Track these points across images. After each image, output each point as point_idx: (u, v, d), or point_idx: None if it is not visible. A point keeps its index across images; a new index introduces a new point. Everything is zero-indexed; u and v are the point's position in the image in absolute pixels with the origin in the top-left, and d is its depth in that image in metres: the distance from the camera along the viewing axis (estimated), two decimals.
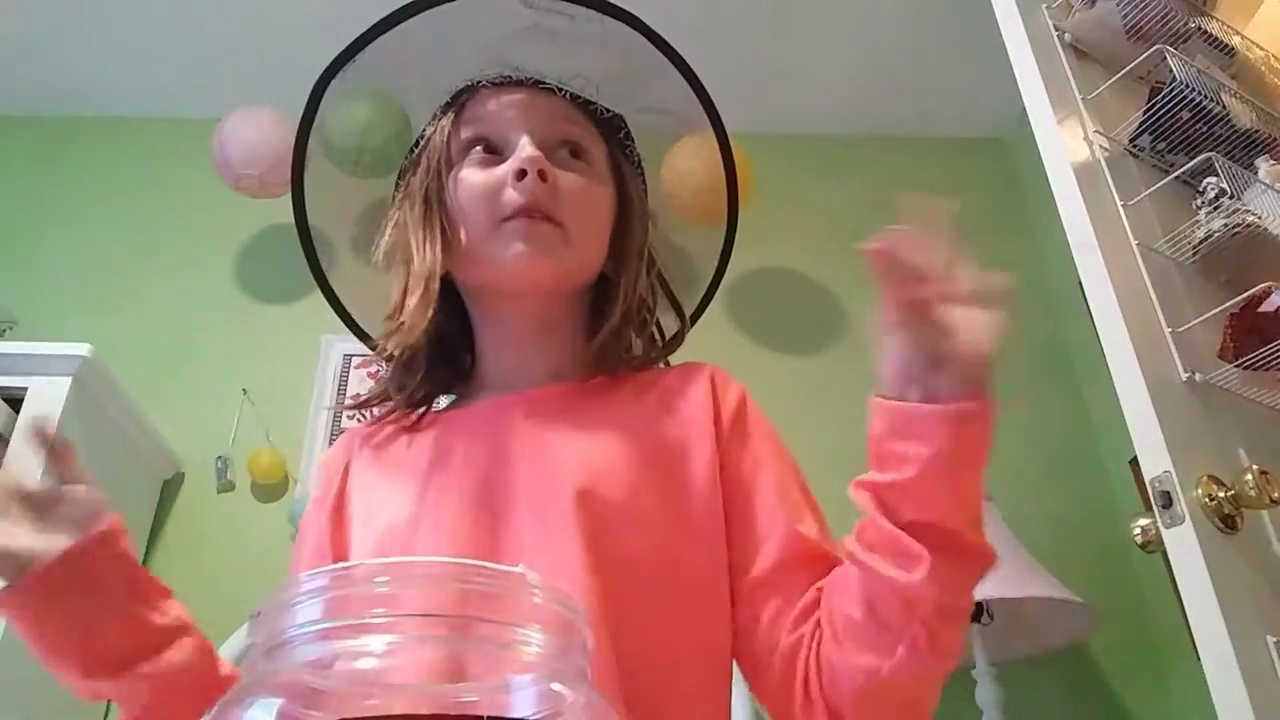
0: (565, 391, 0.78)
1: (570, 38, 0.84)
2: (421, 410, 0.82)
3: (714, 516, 0.71)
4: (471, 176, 0.78)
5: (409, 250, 0.79)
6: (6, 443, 1.63)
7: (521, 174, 0.74)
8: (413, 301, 0.76)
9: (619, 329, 0.80)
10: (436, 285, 0.76)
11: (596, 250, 0.80)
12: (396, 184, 0.86)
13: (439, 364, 0.83)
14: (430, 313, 0.76)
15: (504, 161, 0.77)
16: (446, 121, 0.82)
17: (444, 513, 0.70)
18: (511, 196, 0.75)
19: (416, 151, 0.84)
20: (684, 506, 0.70)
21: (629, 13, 0.85)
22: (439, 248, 0.77)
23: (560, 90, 0.82)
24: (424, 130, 0.85)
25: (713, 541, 0.70)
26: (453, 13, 0.82)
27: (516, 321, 0.81)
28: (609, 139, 0.85)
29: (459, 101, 0.83)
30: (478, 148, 0.79)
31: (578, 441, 0.72)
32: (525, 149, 0.75)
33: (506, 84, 0.82)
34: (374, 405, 0.83)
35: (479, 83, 0.82)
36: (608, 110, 0.85)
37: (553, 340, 0.81)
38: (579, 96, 0.83)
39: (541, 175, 0.75)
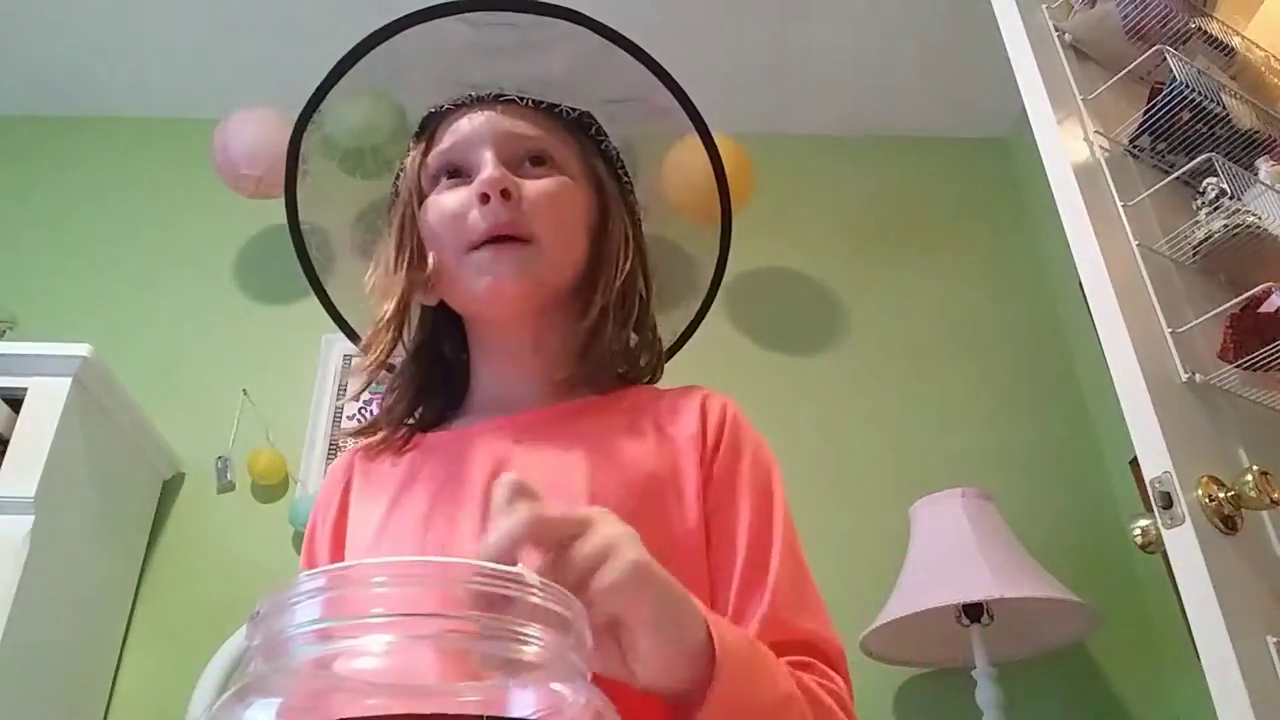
0: (552, 415, 0.76)
1: (520, 44, 0.83)
2: (406, 431, 0.81)
3: (699, 550, 0.69)
4: (439, 201, 0.77)
5: (386, 279, 0.79)
6: (6, 443, 1.63)
7: (485, 198, 0.74)
8: (381, 330, 0.77)
9: (598, 325, 0.78)
10: (403, 312, 0.77)
11: (572, 250, 0.79)
12: (387, 217, 0.85)
13: (435, 387, 0.83)
14: (393, 337, 0.77)
15: (471, 183, 0.76)
16: (418, 151, 0.82)
17: (402, 535, 0.70)
18: (476, 221, 0.74)
19: (395, 184, 0.84)
20: (674, 537, 0.68)
21: (570, 10, 0.83)
22: (407, 273, 0.77)
23: (521, 99, 0.81)
24: (401, 161, 0.85)
25: (697, 574, 0.68)
26: (398, 46, 0.82)
27: (506, 341, 0.80)
28: (580, 138, 0.84)
29: (429, 129, 0.82)
30: (446, 173, 0.79)
31: (561, 466, 0.70)
32: (487, 168, 0.75)
33: (469, 103, 0.81)
34: (370, 431, 0.82)
35: (443, 108, 0.82)
36: (573, 110, 0.84)
37: (543, 356, 0.79)
38: (542, 101, 0.82)
39: (505, 194, 0.74)
